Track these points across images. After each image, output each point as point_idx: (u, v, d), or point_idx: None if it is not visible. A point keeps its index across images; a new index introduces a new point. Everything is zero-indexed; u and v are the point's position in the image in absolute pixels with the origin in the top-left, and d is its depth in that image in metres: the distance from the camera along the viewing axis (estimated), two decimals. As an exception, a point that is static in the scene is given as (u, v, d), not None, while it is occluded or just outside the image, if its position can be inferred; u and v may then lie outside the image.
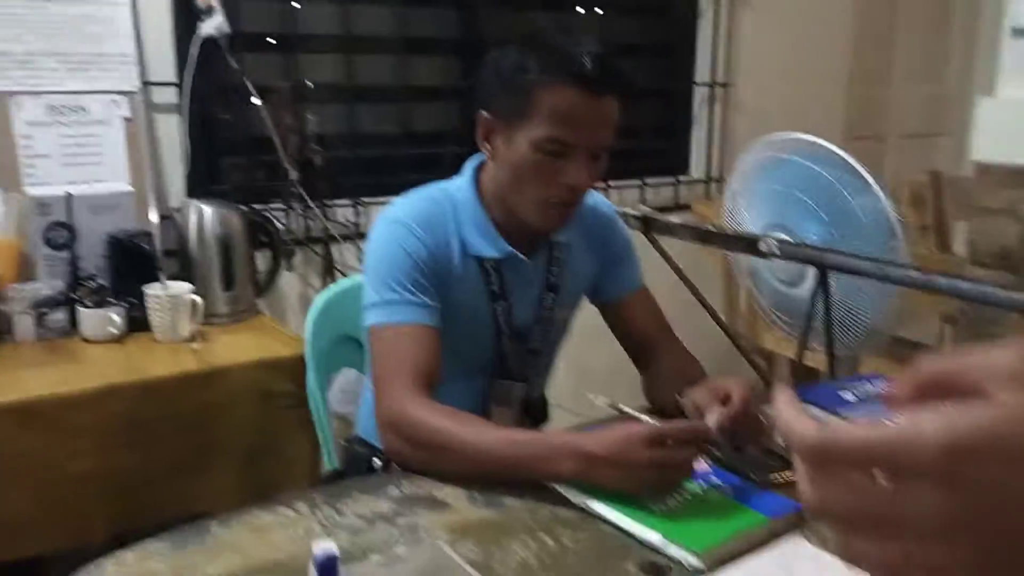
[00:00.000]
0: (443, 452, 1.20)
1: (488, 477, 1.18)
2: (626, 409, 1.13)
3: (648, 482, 1.10)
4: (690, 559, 1.01)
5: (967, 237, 2.68)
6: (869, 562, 0.39)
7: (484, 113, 1.37)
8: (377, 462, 1.48)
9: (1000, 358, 0.38)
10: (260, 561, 1.02)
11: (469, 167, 1.46)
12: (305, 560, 1.00)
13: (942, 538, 0.36)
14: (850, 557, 0.39)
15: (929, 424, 0.36)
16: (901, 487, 0.37)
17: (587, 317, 1.62)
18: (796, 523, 1.10)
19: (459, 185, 1.44)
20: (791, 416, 0.40)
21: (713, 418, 1.18)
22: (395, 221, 1.39)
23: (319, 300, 1.75)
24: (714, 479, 1.19)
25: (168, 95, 2.29)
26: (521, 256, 1.43)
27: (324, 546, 0.67)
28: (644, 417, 1.11)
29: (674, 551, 1.03)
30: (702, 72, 3.23)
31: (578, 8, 3.05)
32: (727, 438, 1.19)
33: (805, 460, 0.39)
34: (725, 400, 1.22)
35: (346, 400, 2.25)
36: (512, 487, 1.17)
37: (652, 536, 1.05)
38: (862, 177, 1.89)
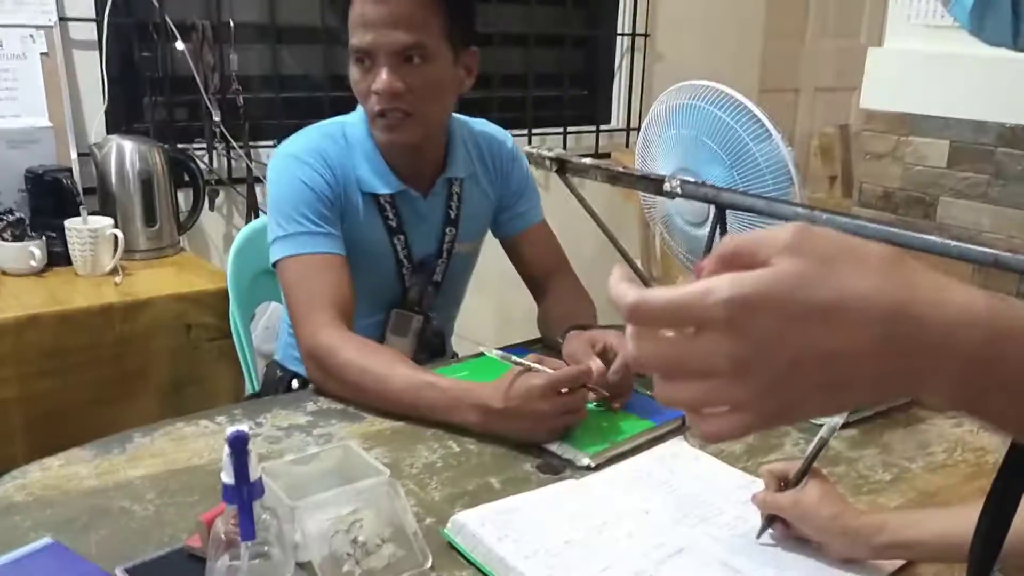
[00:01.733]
0: (356, 386, 1.25)
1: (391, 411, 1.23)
2: (519, 361, 1.18)
3: (547, 429, 1.15)
4: (582, 459, 1.10)
5: (857, 182, 2.83)
6: (680, 403, 0.47)
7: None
8: (295, 384, 1.55)
9: (779, 233, 0.45)
10: (181, 465, 1.09)
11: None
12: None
13: (732, 377, 0.44)
14: (666, 400, 0.47)
15: (717, 283, 0.44)
16: (697, 337, 0.45)
17: (507, 260, 1.67)
18: (679, 428, 1.21)
19: (353, 121, 1.47)
20: (618, 285, 0.47)
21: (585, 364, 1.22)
22: (293, 156, 1.41)
23: (240, 235, 1.79)
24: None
25: (87, 31, 2.27)
26: (415, 193, 1.47)
27: (236, 428, 0.73)
28: (536, 367, 1.15)
29: (568, 452, 1.12)
30: (623, 22, 3.30)
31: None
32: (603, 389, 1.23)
33: (627, 320, 0.47)
34: (602, 352, 1.27)
35: (270, 337, 2.30)
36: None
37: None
38: (764, 125, 1.99)
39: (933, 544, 0.86)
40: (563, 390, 1.14)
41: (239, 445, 0.73)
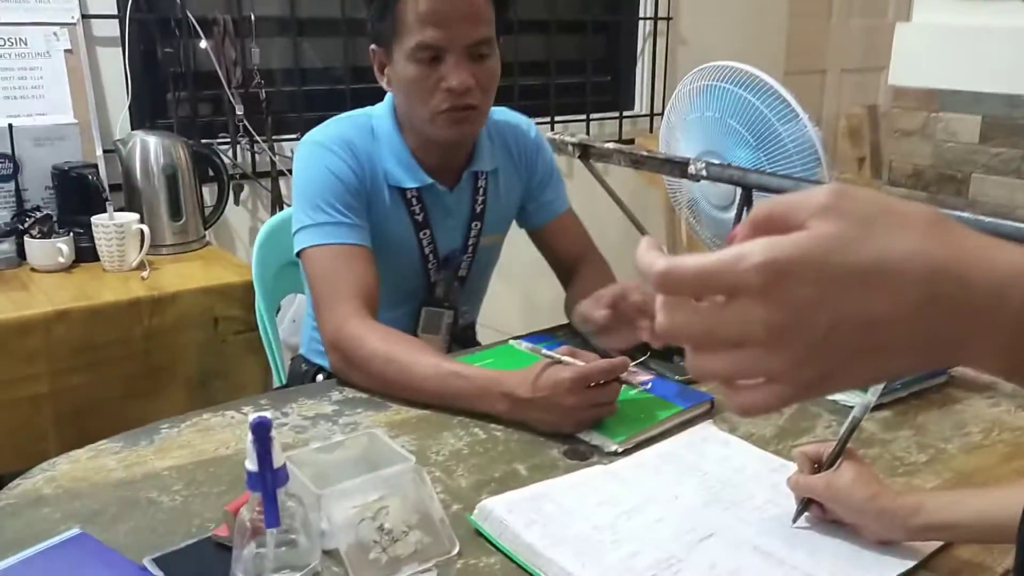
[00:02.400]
0: (381, 376, 1.24)
1: (417, 401, 1.22)
2: (549, 353, 1.15)
3: (574, 422, 1.13)
4: (610, 445, 1.09)
5: (886, 160, 2.79)
6: (713, 375, 0.45)
7: (373, 46, 1.40)
8: (320, 378, 1.54)
9: (816, 195, 0.43)
10: (207, 456, 1.09)
11: (388, 96, 1.47)
12: (250, 454, 1.06)
13: (767, 346, 0.42)
14: (698, 374, 0.46)
15: (750, 248, 0.42)
16: (730, 304, 0.43)
17: (532, 248, 1.66)
18: (707, 412, 1.19)
19: (380, 114, 1.46)
20: (646, 254, 0.46)
21: (599, 314, 1.24)
22: (319, 144, 1.40)
23: (265, 227, 1.79)
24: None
25: (109, 28, 2.28)
26: (442, 187, 1.46)
27: (259, 414, 0.73)
28: (567, 359, 1.13)
29: (596, 439, 1.11)
30: (645, 7, 3.27)
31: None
32: (604, 330, 1.24)
33: (657, 289, 0.45)
34: (612, 303, 1.25)
35: (296, 329, 2.31)
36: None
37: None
38: (791, 106, 1.96)
39: (971, 525, 0.84)
40: (593, 383, 1.12)
41: (262, 431, 0.72)
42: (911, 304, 0.41)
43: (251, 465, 0.74)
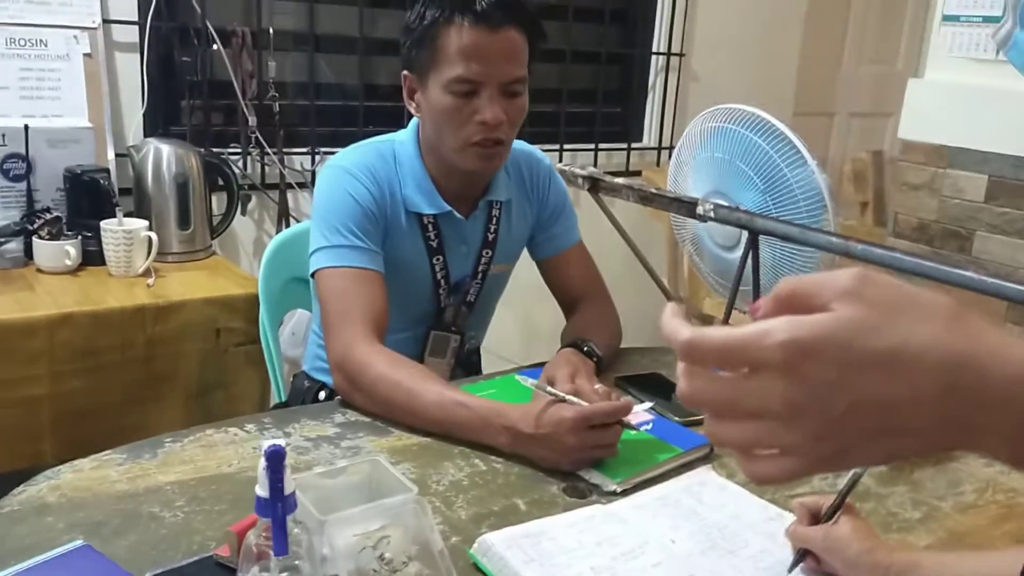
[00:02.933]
0: (385, 401, 1.25)
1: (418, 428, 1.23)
2: (553, 391, 1.16)
3: (572, 461, 1.13)
4: (609, 484, 1.10)
5: (892, 211, 2.82)
6: (730, 443, 0.47)
7: (405, 72, 1.43)
8: (323, 395, 1.55)
9: (840, 277, 0.45)
10: (210, 473, 1.10)
11: (414, 121, 1.50)
12: (252, 473, 1.07)
13: (784, 420, 0.44)
14: (716, 440, 0.48)
15: (775, 325, 0.44)
16: (751, 377, 0.45)
17: (537, 276, 1.69)
18: (706, 456, 1.21)
19: (402, 140, 1.49)
20: (671, 322, 0.48)
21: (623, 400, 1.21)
22: (343, 169, 1.43)
23: (274, 242, 1.80)
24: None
25: (129, 34, 2.30)
26: (458, 215, 1.48)
27: (274, 441, 0.74)
28: (571, 398, 1.14)
29: (596, 478, 1.12)
30: (658, 41, 3.30)
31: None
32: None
33: (681, 357, 0.47)
34: (575, 392, 1.19)
35: (295, 342, 2.32)
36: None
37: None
38: (800, 151, 1.98)
39: None
40: (595, 424, 1.13)
41: (276, 460, 0.73)
42: (928, 391, 0.43)
43: (262, 491, 0.75)
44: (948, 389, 0.43)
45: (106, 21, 2.25)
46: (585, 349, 1.39)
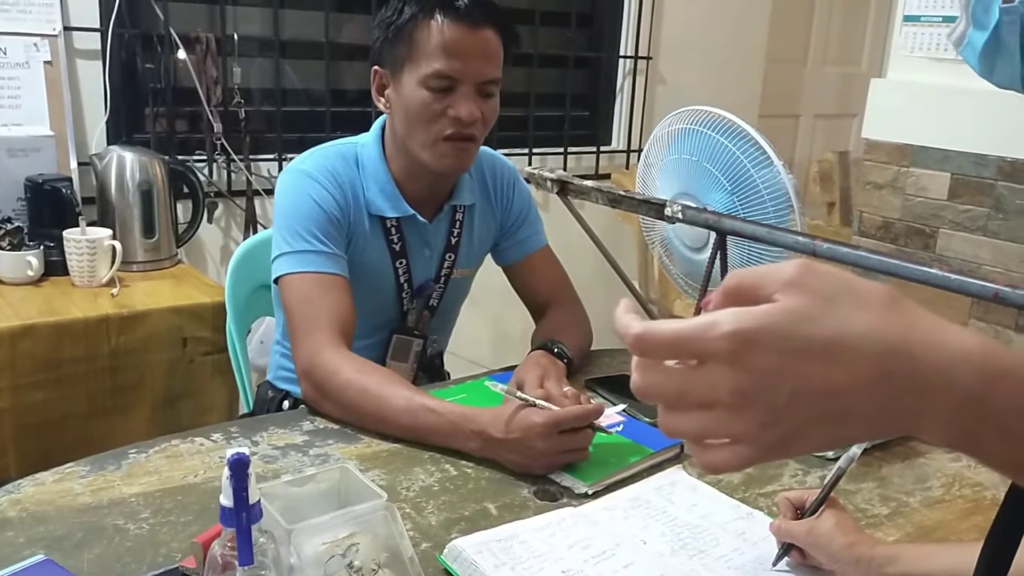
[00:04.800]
0: (353, 407, 1.24)
1: (388, 434, 1.22)
2: (523, 396, 1.15)
3: (543, 466, 1.13)
4: (580, 487, 1.10)
5: (856, 211, 2.85)
6: (682, 433, 0.48)
7: (376, 67, 1.42)
8: (287, 404, 1.54)
9: (783, 269, 0.46)
10: (175, 484, 1.08)
11: (377, 124, 1.49)
12: (218, 483, 1.05)
13: (733, 409, 0.45)
14: (668, 430, 0.48)
15: (721, 317, 0.45)
16: (699, 368, 0.46)
17: (506, 281, 1.68)
18: (676, 456, 1.21)
19: (365, 143, 1.47)
20: (623, 316, 0.48)
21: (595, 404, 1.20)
22: (304, 173, 1.41)
23: (240, 250, 1.78)
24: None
25: (91, 41, 2.27)
26: (421, 218, 1.47)
27: (237, 450, 0.73)
28: (541, 403, 1.14)
29: (567, 480, 1.12)
30: (625, 45, 3.31)
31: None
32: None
33: (632, 351, 0.47)
34: (547, 397, 1.19)
35: (263, 351, 2.29)
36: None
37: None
38: (766, 152, 1.99)
39: None
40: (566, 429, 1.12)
41: (240, 469, 0.72)
42: (865, 378, 0.44)
43: (226, 501, 0.74)
44: (884, 375, 0.44)
45: (67, 28, 2.22)
46: (555, 351, 1.39)
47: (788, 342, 0.44)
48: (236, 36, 2.46)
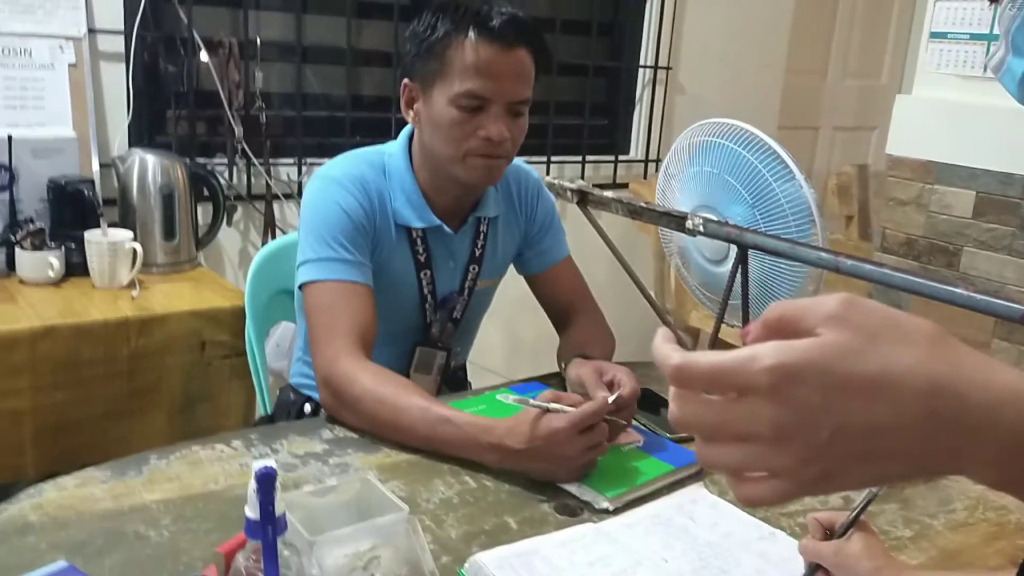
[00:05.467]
0: (370, 416, 1.24)
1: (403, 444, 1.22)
2: (537, 404, 1.14)
3: (570, 469, 1.13)
4: (601, 502, 1.09)
5: (879, 227, 2.84)
6: (720, 466, 0.47)
7: (406, 80, 1.41)
8: (308, 408, 1.54)
9: (825, 303, 0.46)
10: (196, 491, 1.08)
11: (404, 134, 1.49)
12: (239, 491, 1.05)
13: (772, 444, 0.45)
14: (706, 462, 0.48)
15: (762, 350, 0.44)
16: (740, 401, 0.45)
17: (520, 288, 1.68)
18: (698, 473, 1.20)
19: (392, 152, 1.47)
20: (661, 346, 0.48)
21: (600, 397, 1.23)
22: (333, 180, 1.41)
23: (260, 254, 1.78)
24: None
25: (115, 43, 2.28)
26: (447, 229, 1.47)
27: (265, 463, 0.73)
28: (555, 406, 1.13)
29: (587, 495, 1.11)
30: (645, 54, 3.31)
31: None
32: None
33: (671, 381, 0.47)
34: (610, 384, 1.26)
35: (280, 354, 2.30)
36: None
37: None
38: (787, 165, 1.98)
39: None
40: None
41: (267, 482, 0.72)
42: (910, 416, 0.43)
43: (251, 513, 0.74)
44: (930, 414, 0.43)
45: (91, 31, 2.23)
46: None
47: (830, 377, 0.43)
48: (259, 40, 2.47)
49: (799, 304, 0.46)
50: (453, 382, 1.59)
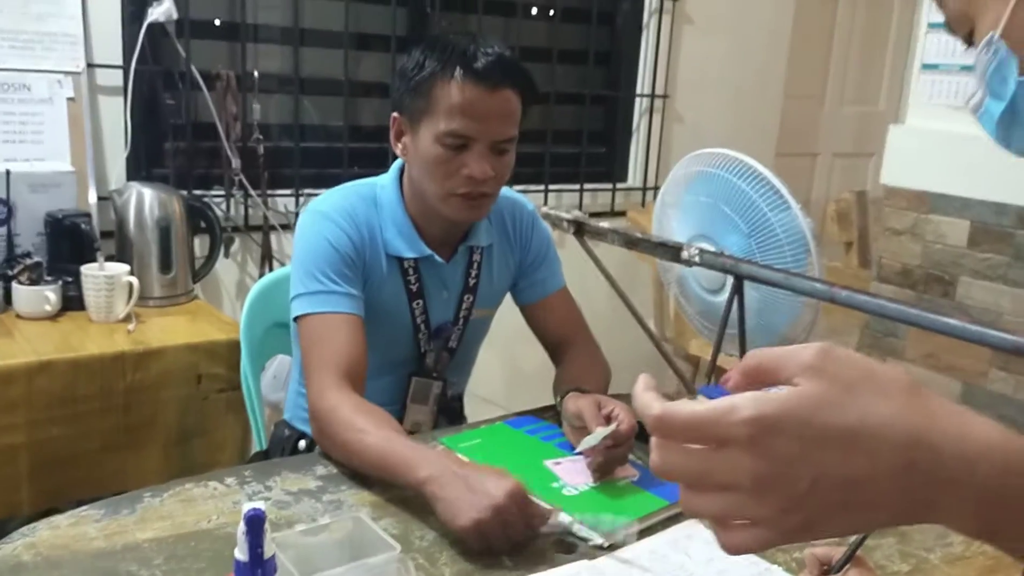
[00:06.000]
0: (345, 448, 1.23)
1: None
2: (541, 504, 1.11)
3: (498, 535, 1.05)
4: (596, 538, 1.09)
5: (876, 255, 2.85)
6: (702, 514, 0.48)
7: (395, 114, 1.43)
8: (303, 444, 1.54)
9: (803, 352, 0.46)
10: (188, 529, 1.08)
11: (395, 166, 1.50)
12: (231, 528, 1.05)
13: (753, 493, 0.45)
14: (689, 510, 0.48)
15: (740, 401, 0.45)
16: (720, 452, 0.46)
17: (520, 318, 1.68)
18: (694, 509, 1.19)
19: (384, 184, 1.49)
20: (642, 395, 0.49)
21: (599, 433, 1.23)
22: (322, 215, 1.43)
23: (256, 287, 1.79)
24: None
25: (113, 78, 2.30)
26: (439, 259, 1.48)
27: (254, 505, 0.72)
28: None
29: (583, 531, 1.11)
30: (643, 83, 3.33)
31: (533, 12, 3.13)
32: (596, 456, 1.24)
33: (652, 431, 0.48)
34: (608, 418, 1.27)
35: (277, 387, 2.29)
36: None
37: (563, 517, 1.12)
38: (783, 196, 1.99)
39: None
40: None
41: (256, 525, 0.72)
42: (888, 468, 0.44)
43: (241, 555, 0.73)
44: (907, 466, 0.44)
45: (91, 65, 2.25)
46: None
47: (809, 429, 0.44)
48: (256, 73, 2.49)
49: (777, 353, 0.47)
50: (449, 413, 1.59)
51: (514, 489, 1.05)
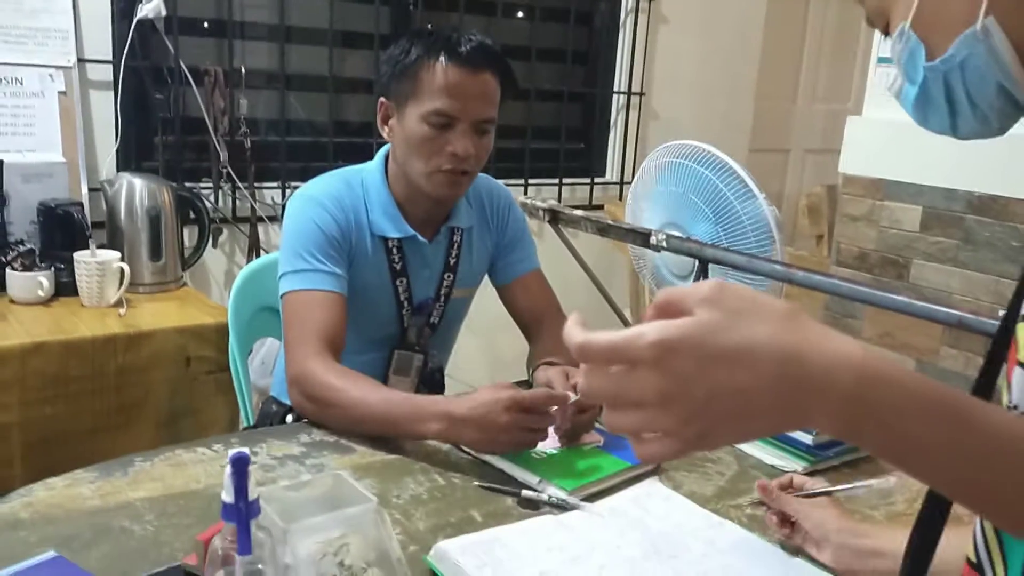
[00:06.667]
0: (331, 407, 1.34)
1: (368, 434, 1.31)
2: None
3: (504, 443, 1.23)
4: (561, 495, 1.16)
5: (835, 241, 2.95)
6: (621, 429, 0.56)
7: (382, 99, 1.53)
8: (289, 419, 1.61)
9: (701, 287, 0.55)
10: (178, 490, 1.14)
11: (381, 152, 1.60)
12: (219, 489, 1.12)
13: (659, 408, 0.53)
14: (610, 426, 0.57)
15: (647, 328, 0.53)
16: (631, 373, 0.54)
17: (499, 307, 1.75)
18: (654, 469, 1.27)
19: (370, 169, 1.58)
20: (571, 327, 0.56)
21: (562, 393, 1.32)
22: (310, 198, 1.52)
23: (243, 273, 1.85)
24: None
25: (104, 72, 2.36)
26: (422, 238, 1.57)
27: (238, 450, 0.79)
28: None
29: (549, 489, 1.18)
30: (619, 81, 3.41)
31: (518, 13, 3.21)
32: (564, 421, 1.33)
33: (576, 357, 0.55)
34: (575, 387, 1.34)
35: (264, 372, 2.36)
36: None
37: (531, 477, 1.20)
38: (748, 185, 2.08)
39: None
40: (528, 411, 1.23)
41: (240, 466, 0.79)
42: (766, 379, 0.52)
43: (227, 496, 0.80)
44: (780, 376, 0.52)
45: (81, 60, 2.31)
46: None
47: (702, 350, 0.52)
48: (243, 69, 2.56)
49: (682, 289, 0.55)
50: (431, 384, 1.67)
51: (509, 403, 1.21)
